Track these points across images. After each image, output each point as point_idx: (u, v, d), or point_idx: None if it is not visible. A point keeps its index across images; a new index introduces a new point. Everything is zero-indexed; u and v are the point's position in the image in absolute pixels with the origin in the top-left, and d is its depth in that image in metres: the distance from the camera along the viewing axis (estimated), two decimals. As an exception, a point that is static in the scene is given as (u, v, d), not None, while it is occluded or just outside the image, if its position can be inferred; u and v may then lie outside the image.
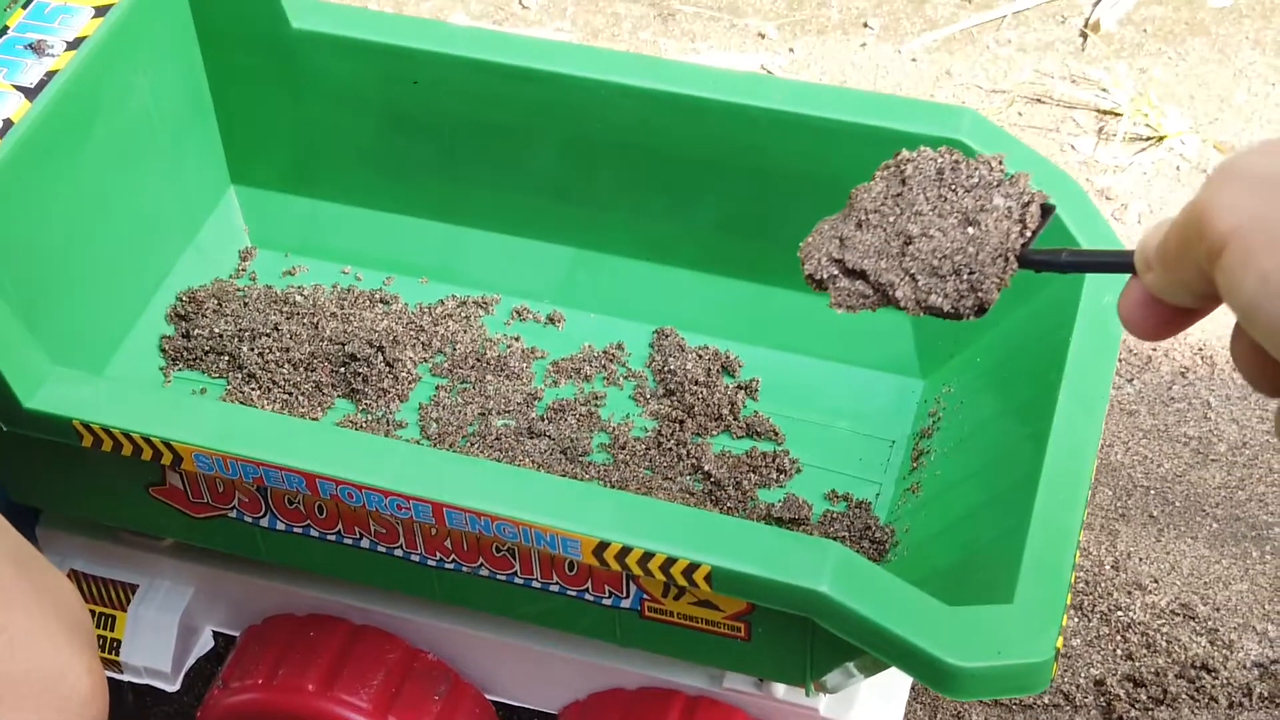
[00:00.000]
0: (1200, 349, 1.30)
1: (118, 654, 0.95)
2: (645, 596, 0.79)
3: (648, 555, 0.73)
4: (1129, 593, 1.14)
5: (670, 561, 0.73)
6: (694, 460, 0.93)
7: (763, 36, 1.59)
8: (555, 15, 1.62)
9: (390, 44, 0.97)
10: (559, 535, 0.74)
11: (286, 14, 0.98)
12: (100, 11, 0.94)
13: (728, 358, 0.99)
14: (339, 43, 0.98)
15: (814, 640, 0.77)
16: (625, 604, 0.80)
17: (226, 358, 0.99)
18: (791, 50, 1.57)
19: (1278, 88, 1.52)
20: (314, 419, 0.97)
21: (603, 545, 0.73)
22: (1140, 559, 1.17)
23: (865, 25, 1.60)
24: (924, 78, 1.54)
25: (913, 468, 0.93)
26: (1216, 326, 1.31)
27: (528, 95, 0.97)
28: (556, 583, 0.80)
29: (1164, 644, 1.11)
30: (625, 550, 0.73)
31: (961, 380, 0.95)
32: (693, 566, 0.72)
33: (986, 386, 0.92)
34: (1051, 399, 0.82)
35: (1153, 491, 1.21)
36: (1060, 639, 0.74)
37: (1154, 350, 1.30)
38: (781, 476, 0.94)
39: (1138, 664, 1.10)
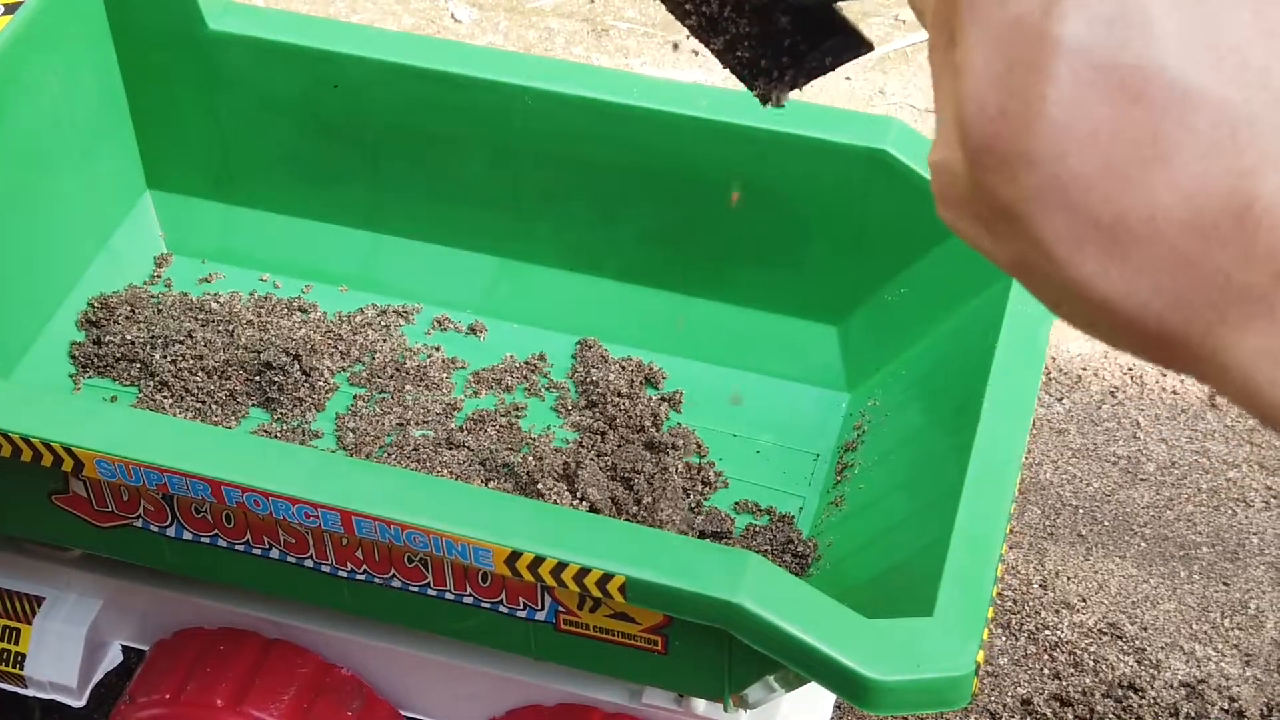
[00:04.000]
0: (1130, 369, 1.30)
1: (22, 668, 0.92)
2: (560, 609, 0.77)
3: (561, 565, 0.71)
4: (1057, 612, 1.14)
5: (584, 572, 0.71)
6: (614, 472, 0.92)
7: (697, 53, 1.58)
8: (488, 30, 1.61)
9: (310, 47, 0.95)
10: (470, 544, 0.72)
11: (203, 15, 0.96)
12: (10, 9, 0.92)
13: (651, 369, 0.98)
14: (257, 45, 0.96)
15: (732, 654, 0.76)
16: (540, 616, 0.78)
17: (138, 365, 0.97)
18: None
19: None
20: (228, 427, 0.94)
21: (515, 555, 0.71)
22: (1068, 578, 1.16)
23: (800, 43, 1.59)
24: (857, 96, 1.54)
25: (837, 481, 0.92)
26: (1146, 346, 1.31)
27: (452, 101, 0.95)
28: (470, 594, 0.78)
29: (1091, 663, 1.10)
30: (538, 560, 0.71)
31: (887, 393, 0.94)
32: (607, 577, 0.71)
33: (912, 400, 0.91)
34: (975, 412, 0.81)
35: (1081, 510, 1.20)
36: (981, 653, 0.73)
37: (1084, 370, 1.29)
38: (706, 489, 0.92)
39: (1065, 683, 1.09)
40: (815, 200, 0.93)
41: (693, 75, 1.55)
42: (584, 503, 0.88)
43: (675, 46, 1.53)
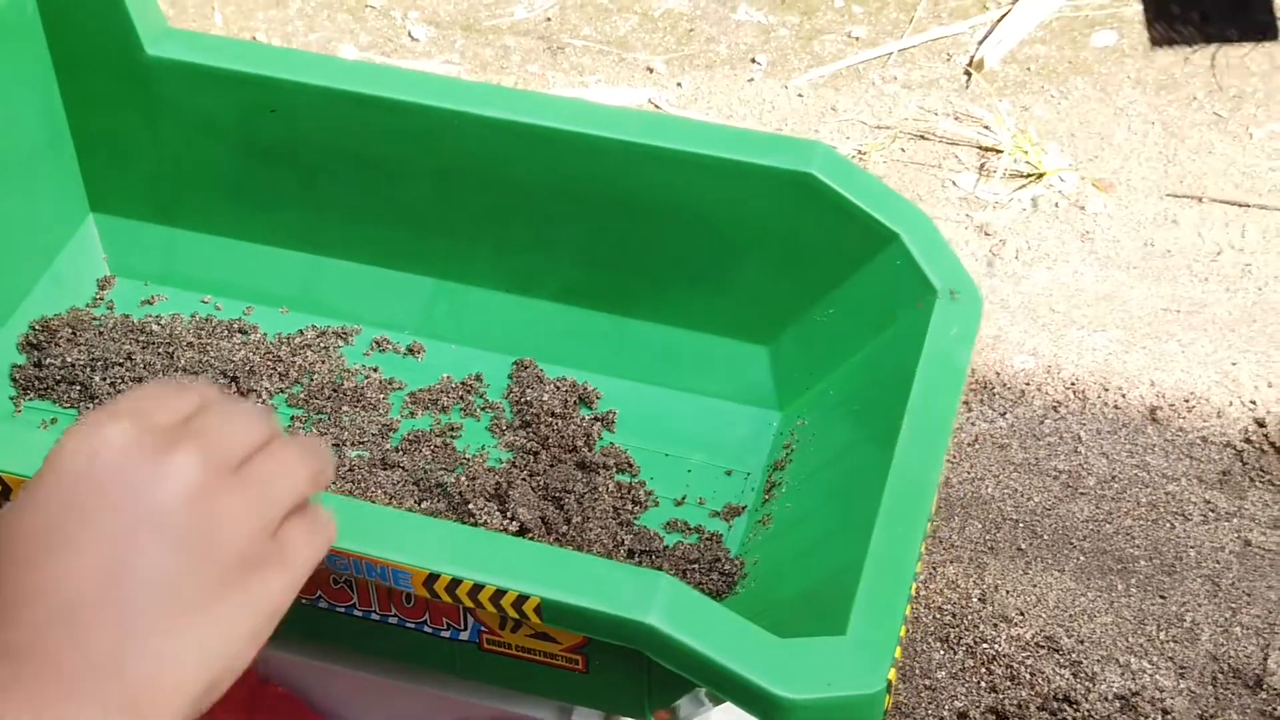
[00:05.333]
0: (1073, 384, 1.32)
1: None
2: (483, 629, 0.78)
3: (478, 587, 0.72)
4: (995, 625, 1.15)
5: (500, 593, 0.72)
6: (545, 492, 0.93)
7: (651, 71, 1.60)
8: (444, 48, 1.62)
9: (246, 72, 0.96)
10: (389, 567, 0.73)
11: (141, 41, 0.97)
12: (-51, 36, 0.93)
13: (585, 389, 0.99)
14: (194, 70, 0.97)
15: (651, 673, 0.77)
16: (463, 636, 0.79)
17: (78, 387, 0.98)
18: (680, 85, 1.58)
19: (1156, 126, 1.54)
20: (165, 449, 0.95)
21: (433, 577, 0.73)
22: (1007, 591, 1.17)
23: (753, 61, 1.61)
24: (809, 113, 1.55)
25: (765, 499, 0.93)
26: (1089, 362, 1.33)
27: (387, 125, 0.96)
28: (395, 615, 0.79)
29: (1027, 676, 1.12)
30: (455, 582, 0.72)
31: (815, 413, 0.95)
32: (522, 598, 0.72)
33: (837, 419, 0.92)
34: (894, 432, 0.82)
35: (1022, 525, 1.22)
36: (893, 671, 0.74)
37: (1027, 385, 1.31)
38: (635, 508, 0.93)
39: (1001, 696, 1.10)
40: (744, 223, 0.94)
41: (647, 92, 1.57)
42: (514, 522, 0.90)
43: (650, 70, 1.55)
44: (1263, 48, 1.61)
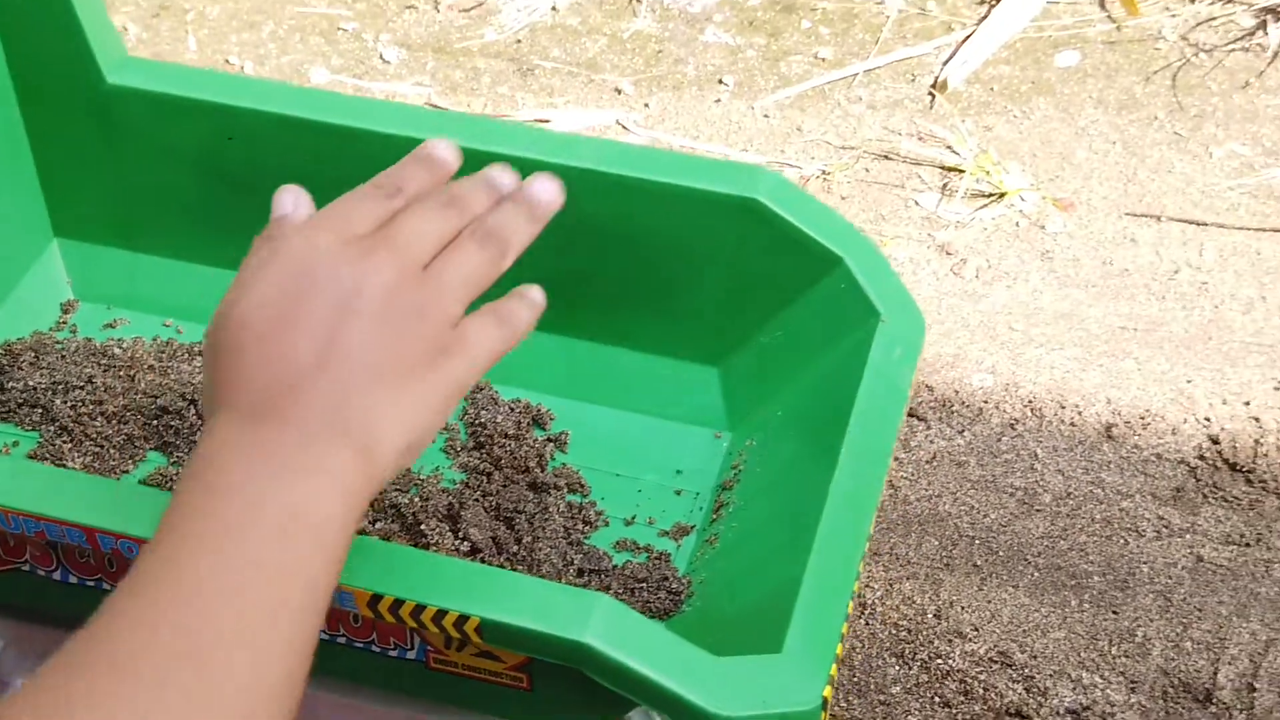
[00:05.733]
0: (1030, 402, 1.33)
1: (-77, 708, 0.94)
2: (429, 648, 0.80)
3: (420, 608, 0.74)
4: (950, 640, 1.17)
5: (442, 614, 0.74)
6: (497, 512, 0.94)
7: (619, 92, 1.62)
8: (415, 70, 1.64)
9: (204, 100, 0.98)
10: (336, 589, 0.75)
11: (101, 70, 0.99)
12: (-89, 66, 0.95)
13: (539, 411, 1.01)
14: (153, 99, 0.99)
15: (593, 691, 0.78)
16: (411, 655, 0.81)
17: (40, 411, 0.99)
18: (647, 105, 1.60)
19: (1117, 145, 1.56)
20: (125, 471, 0.97)
21: (376, 598, 0.74)
22: (962, 607, 1.19)
23: (720, 82, 1.63)
24: (775, 134, 1.57)
25: (713, 519, 0.95)
26: (1047, 380, 1.35)
27: (343, 151, 0.98)
28: (344, 634, 0.81)
29: (981, 691, 1.13)
30: (398, 603, 0.74)
31: (763, 433, 0.97)
32: (463, 619, 0.74)
33: (784, 440, 0.94)
34: (836, 453, 0.84)
35: (978, 541, 1.24)
36: (829, 688, 0.76)
37: (985, 403, 1.33)
38: (586, 528, 0.95)
39: (954, 711, 1.12)
40: (693, 247, 0.96)
41: (615, 114, 1.59)
42: (466, 542, 0.91)
43: (618, 91, 1.57)
44: (1224, 66, 1.63)
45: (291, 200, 0.75)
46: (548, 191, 0.78)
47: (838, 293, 0.93)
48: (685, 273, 0.98)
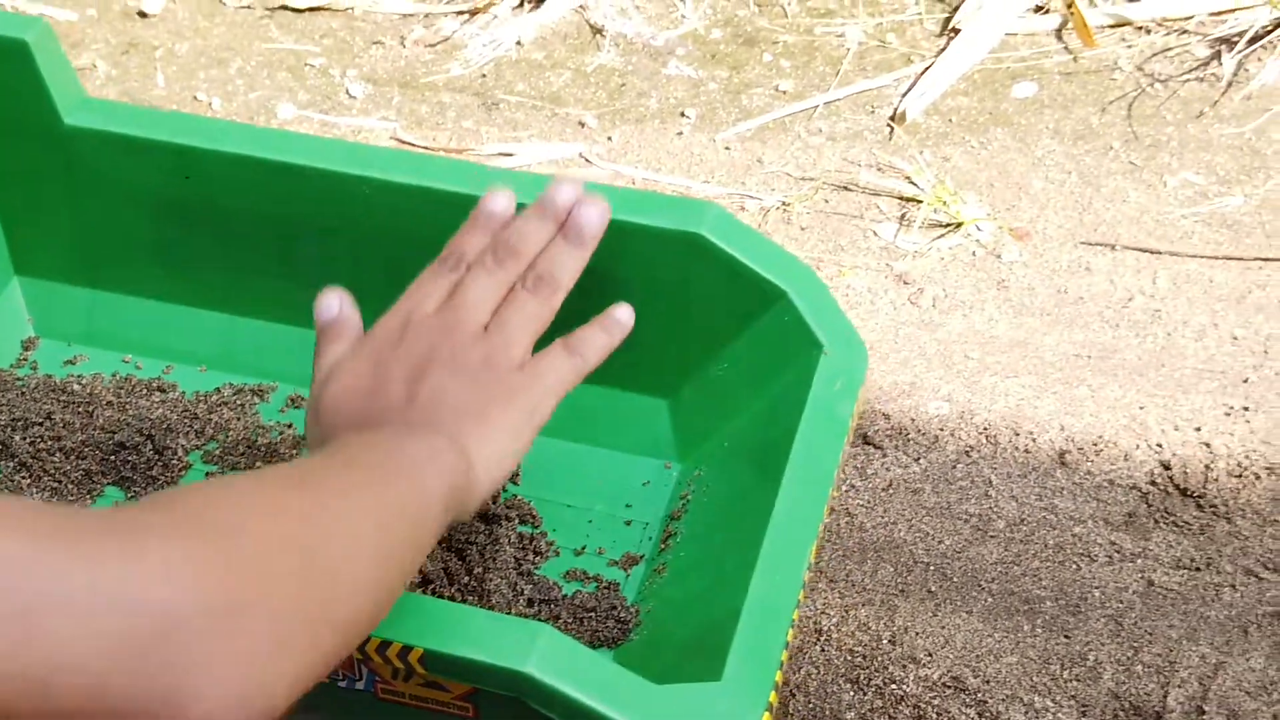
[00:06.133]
0: (985, 429, 1.35)
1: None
2: (377, 679, 0.81)
3: (365, 639, 0.75)
4: (904, 666, 1.18)
5: (385, 645, 0.75)
6: (448, 544, 0.96)
7: (583, 125, 1.64)
8: (381, 105, 1.66)
9: (160, 140, 1.00)
10: (280, 621, 0.76)
11: (59, 110, 1.01)
12: None
13: (492, 443, 1.02)
14: (110, 139, 1.01)
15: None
16: (359, 686, 0.82)
17: (-1, 446, 1.01)
18: (610, 138, 1.62)
19: (1072, 175, 1.59)
20: (83, 507, 0.99)
21: (321, 630, 0.76)
22: (917, 633, 1.20)
23: (683, 115, 1.65)
24: (736, 165, 1.59)
25: (661, 549, 0.97)
26: (1002, 407, 1.36)
27: (296, 190, 1.00)
28: (292, 666, 0.82)
29: (934, 716, 1.15)
30: (343, 635, 0.76)
31: (711, 464, 0.98)
32: (407, 649, 0.75)
33: (730, 470, 0.96)
34: (778, 482, 0.86)
35: (932, 567, 1.25)
36: (768, 715, 0.78)
37: (941, 430, 1.35)
38: (537, 558, 0.97)
39: (908, 736, 1.14)
40: (641, 281, 0.98)
41: (578, 146, 1.61)
42: (417, 574, 0.93)
43: (582, 124, 1.59)
44: (1179, 96, 1.65)
45: (337, 302, 0.89)
46: (594, 216, 0.88)
47: (782, 325, 0.95)
48: (634, 306, 1.00)
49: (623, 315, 0.89)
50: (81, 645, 0.51)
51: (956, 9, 1.73)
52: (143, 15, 1.75)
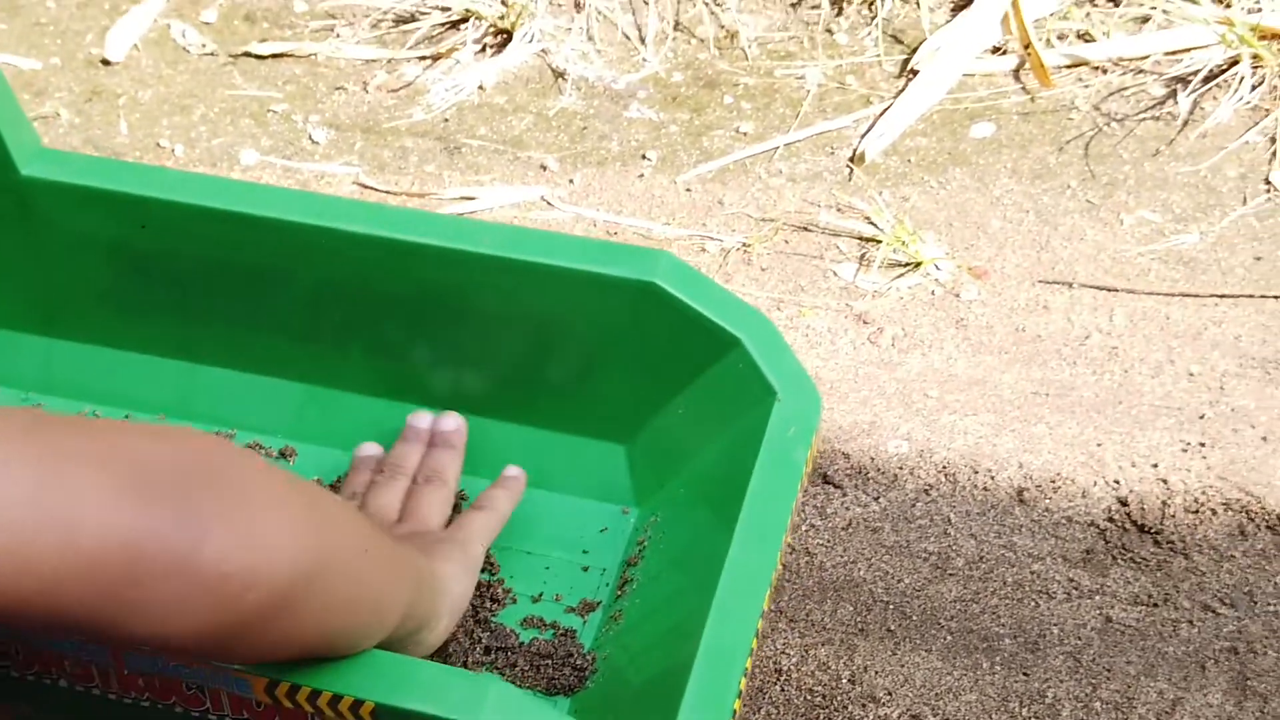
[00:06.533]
0: (944, 467, 1.36)
1: None
2: (331, 731, 0.81)
3: (316, 693, 0.76)
4: (864, 705, 1.19)
5: (337, 699, 0.76)
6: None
7: (545, 168, 1.65)
8: (344, 150, 1.67)
9: (116, 191, 1.01)
10: (233, 675, 0.77)
11: (15, 161, 1.01)
12: None
13: (451, 490, 1.03)
14: (67, 189, 1.02)
15: (490, 769, 0.80)
16: (314, 738, 0.82)
17: (-44, 498, 1.01)
18: (571, 181, 1.63)
19: (1030, 214, 1.60)
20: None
21: (273, 684, 0.76)
22: (876, 672, 1.21)
23: (644, 157, 1.66)
24: (697, 207, 1.61)
25: (618, 595, 0.97)
26: (961, 445, 1.37)
27: (252, 240, 1.01)
28: (246, 717, 0.82)
29: (895, 756, 1.15)
30: (295, 688, 0.76)
31: (667, 510, 0.99)
32: (358, 703, 0.75)
33: (685, 516, 0.97)
34: (732, 529, 0.86)
35: (892, 606, 1.26)
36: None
37: (900, 469, 1.36)
38: (494, 605, 0.97)
39: (868, 776, 1.14)
40: (596, 329, 0.99)
41: (540, 190, 1.62)
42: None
43: (544, 167, 1.60)
44: (1135, 135, 1.67)
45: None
46: (451, 427, 1.04)
47: (736, 372, 0.95)
48: (591, 353, 1.00)
49: (515, 473, 1.03)
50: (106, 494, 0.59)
51: (914, 51, 1.74)
52: (106, 63, 1.76)
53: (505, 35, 1.74)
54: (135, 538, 0.59)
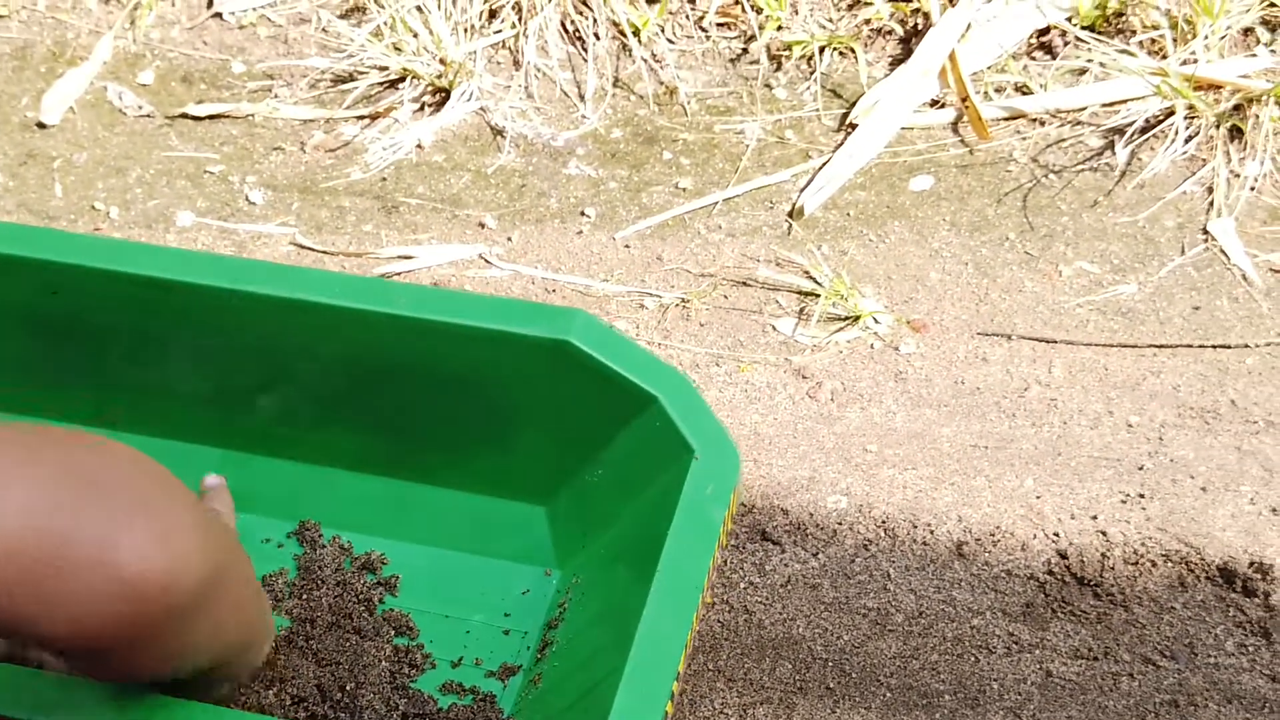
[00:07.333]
0: (883, 522, 1.35)
1: None
2: (237, 804, 0.80)
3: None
4: (801, 767, 1.17)
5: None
6: (319, 659, 0.94)
7: (483, 226, 1.64)
8: (281, 210, 1.66)
9: (26, 257, 0.99)
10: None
11: (-75, 229, 1.00)
12: None
13: (370, 556, 1.01)
14: (-23, 257, 1.00)
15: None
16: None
17: None
18: (510, 239, 1.63)
19: (969, 266, 1.60)
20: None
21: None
22: (814, 732, 1.19)
23: (583, 214, 1.66)
24: (636, 263, 1.60)
25: (538, 658, 0.95)
26: (900, 500, 1.36)
27: (164, 303, 0.99)
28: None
29: (832, 817, 1.14)
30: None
31: (588, 571, 0.98)
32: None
33: (605, 578, 0.95)
34: (644, 593, 0.85)
35: (831, 663, 1.24)
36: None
37: (839, 525, 1.34)
38: (413, 671, 0.95)
39: (805, 839, 1.12)
40: (512, 389, 0.98)
41: (477, 248, 1.61)
42: (286, 695, 0.91)
43: (482, 225, 1.59)
44: (1073, 186, 1.67)
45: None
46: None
47: (653, 431, 0.94)
48: (507, 413, 0.99)
49: (213, 481, 1.01)
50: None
51: (853, 104, 1.75)
52: (41, 126, 1.75)
53: (443, 93, 1.74)
54: (56, 526, 0.61)
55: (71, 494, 0.63)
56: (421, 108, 1.75)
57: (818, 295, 1.55)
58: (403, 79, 1.75)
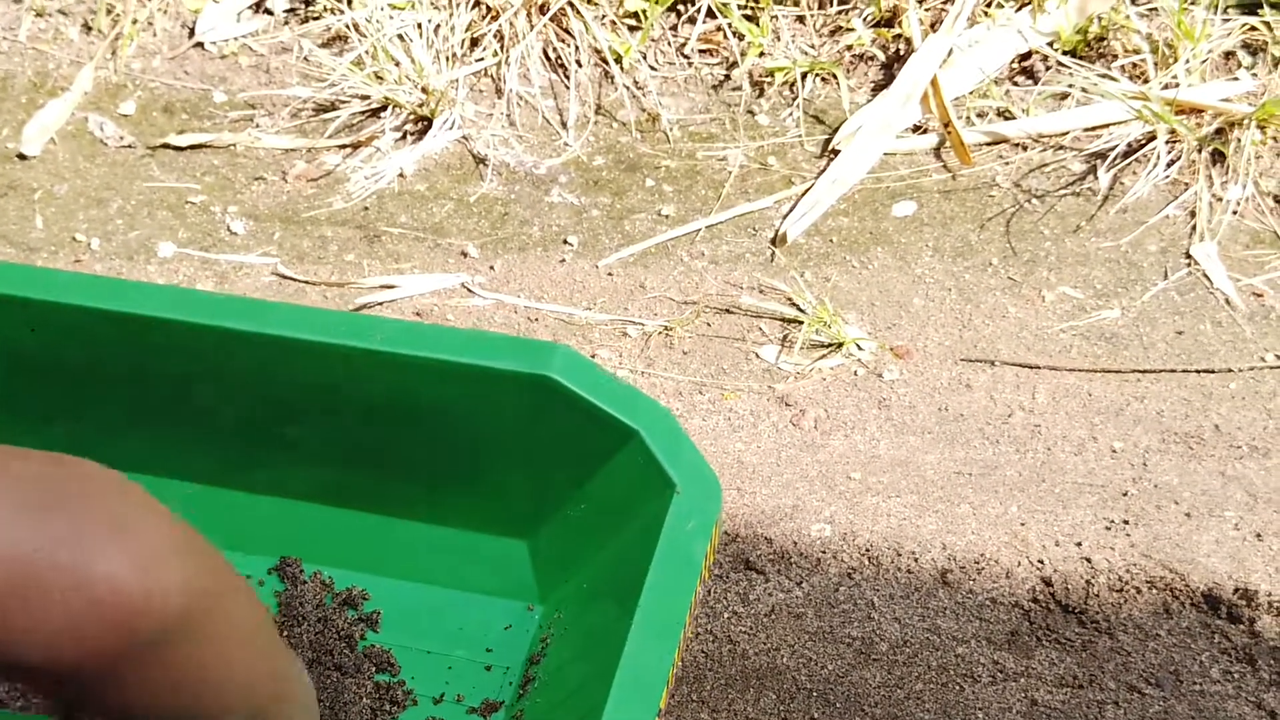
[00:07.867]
0: (867, 550, 1.35)
1: None
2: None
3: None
4: (786, 799, 1.17)
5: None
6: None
7: (465, 255, 1.64)
8: (263, 240, 1.65)
9: (3, 294, 0.99)
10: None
11: (-102, 267, 0.99)
12: None
13: (352, 592, 1.01)
14: (-47, 294, 1.00)
15: None
16: None
17: None
18: (492, 268, 1.62)
19: (952, 292, 1.60)
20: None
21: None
22: (799, 764, 1.19)
23: (565, 242, 1.65)
24: (619, 291, 1.60)
25: (520, 694, 0.95)
26: (884, 528, 1.36)
27: (142, 340, 0.99)
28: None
29: None
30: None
31: (570, 606, 0.97)
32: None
33: (587, 613, 0.95)
34: (626, 628, 0.84)
35: (815, 694, 1.24)
36: None
37: (823, 553, 1.34)
38: (394, 708, 0.95)
39: None
40: (494, 423, 0.97)
41: (460, 277, 1.61)
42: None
43: (464, 254, 1.59)
44: (1056, 211, 1.68)
45: None
46: None
47: (635, 465, 0.94)
48: (489, 448, 0.99)
49: None
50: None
51: (836, 130, 1.75)
52: (22, 157, 1.74)
53: (425, 122, 1.74)
54: (25, 551, 0.59)
55: (40, 515, 0.60)
56: (403, 136, 1.75)
57: (801, 322, 1.55)
58: (384, 108, 1.75)
